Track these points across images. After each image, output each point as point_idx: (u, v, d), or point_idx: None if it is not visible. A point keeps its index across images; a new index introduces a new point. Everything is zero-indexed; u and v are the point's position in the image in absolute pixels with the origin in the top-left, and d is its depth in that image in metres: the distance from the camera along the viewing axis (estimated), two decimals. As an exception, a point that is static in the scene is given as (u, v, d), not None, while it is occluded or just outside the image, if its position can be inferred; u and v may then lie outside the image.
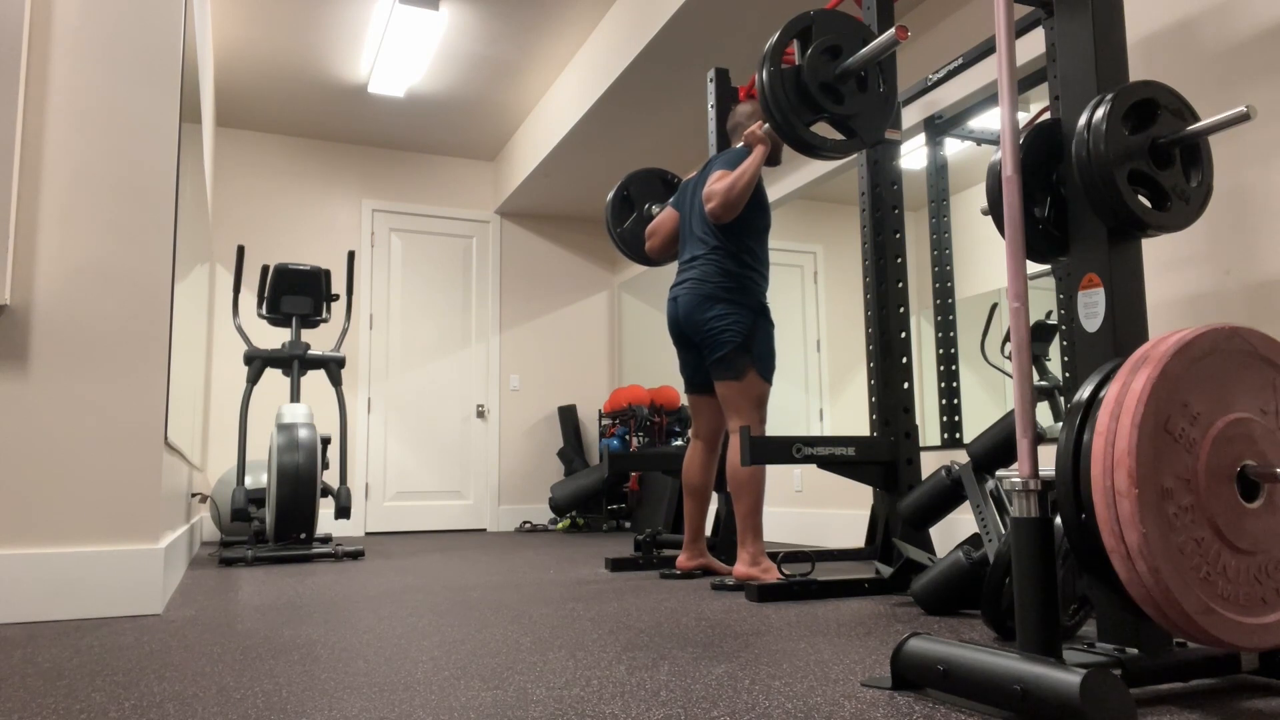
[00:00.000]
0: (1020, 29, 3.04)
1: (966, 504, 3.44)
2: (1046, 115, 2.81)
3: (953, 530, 3.57)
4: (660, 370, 6.40)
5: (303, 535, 4.07)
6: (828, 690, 1.41)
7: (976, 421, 3.63)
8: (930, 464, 3.69)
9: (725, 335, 2.93)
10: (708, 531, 4.87)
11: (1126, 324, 1.55)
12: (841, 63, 2.41)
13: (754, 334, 2.93)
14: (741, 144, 3.07)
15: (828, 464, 2.69)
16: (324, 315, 4.64)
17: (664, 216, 3.32)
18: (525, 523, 6.73)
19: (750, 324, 2.93)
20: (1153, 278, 2.74)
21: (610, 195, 3.65)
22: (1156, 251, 2.74)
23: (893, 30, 2.27)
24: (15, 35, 2.32)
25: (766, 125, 2.92)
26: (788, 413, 5.05)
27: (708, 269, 3.00)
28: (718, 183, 2.94)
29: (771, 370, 2.98)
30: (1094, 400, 1.31)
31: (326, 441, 4.46)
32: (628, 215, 3.65)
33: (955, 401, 3.69)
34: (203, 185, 4.45)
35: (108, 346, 2.43)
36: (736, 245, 2.98)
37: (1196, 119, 1.59)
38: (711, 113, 3.70)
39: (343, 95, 5.78)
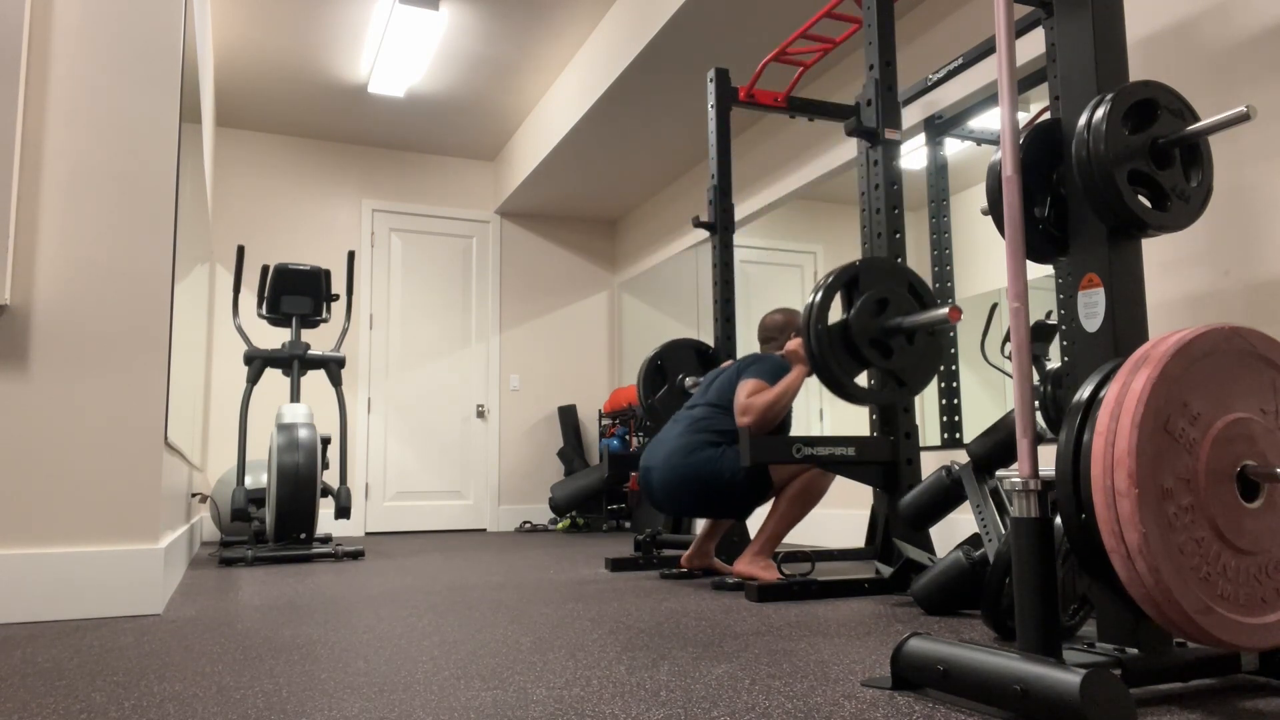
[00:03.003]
0: (1020, 29, 3.04)
1: (966, 504, 3.44)
2: (1046, 115, 2.81)
3: (953, 530, 3.57)
4: (660, 370, 6.40)
5: (303, 535, 4.07)
6: (828, 690, 1.41)
7: (976, 421, 3.63)
8: (930, 464, 3.69)
9: (729, 478, 2.83)
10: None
11: (1126, 324, 1.55)
12: (889, 317, 2.43)
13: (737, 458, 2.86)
14: (780, 354, 3.01)
15: (828, 464, 2.69)
16: (324, 315, 4.64)
17: None
18: (525, 523, 6.73)
19: (735, 454, 2.86)
20: (1153, 278, 2.74)
21: (643, 364, 3.63)
22: (1156, 251, 2.74)
23: (946, 310, 2.29)
24: (15, 35, 2.32)
25: None
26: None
27: (687, 439, 2.91)
28: (756, 396, 2.82)
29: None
30: (1094, 400, 1.31)
31: (326, 441, 4.46)
32: (660, 386, 3.64)
33: (955, 401, 3.69)
34: (203, 185, 4.45)
35: (108, 346, 2.43)
36: (732, 428, 2.92)
37: (1196, 119, 1.59)
38: (711, 113, 3.70)
39: (343, 95, 5.78)
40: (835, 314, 2.48)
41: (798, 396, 5.01)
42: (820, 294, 2.41)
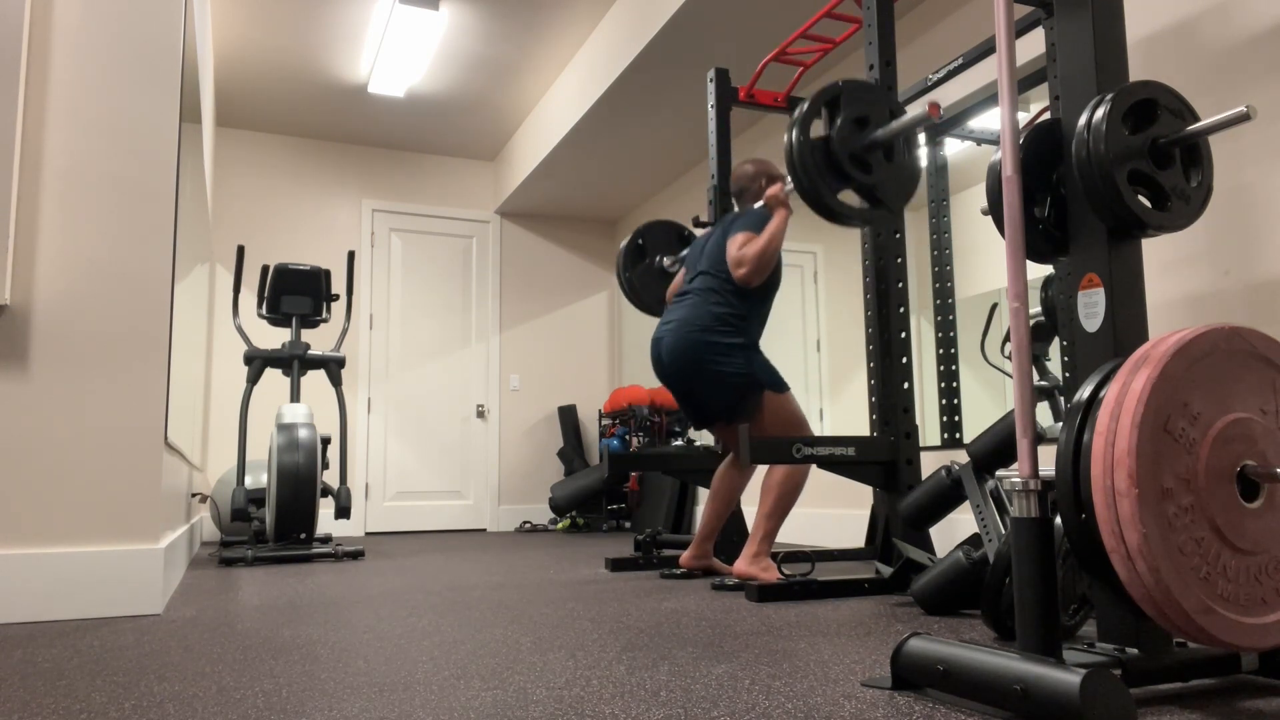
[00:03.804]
0: (1020, 29, 3.03)
1: (966, 504, 3.44)
2: (1046, 115, 2.81)
3: (953, 530, 3.57)
4: (660, 370, 6.39)
5: (303, 535, 4.07)
6: (828, 690, 1.41)
7: (976, 421, 3.63)
8: (930, 464, 3.69)
9: (726, 373, 2.91)
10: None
11: (1126, 324, 1.55)
12: (870, 133, 2.44)
13: (752, 365, 2.93)
14: (760, 205, 3.05)
15: (828, 464, 2.69)
16: (324, 315, 4.64)
17: (680, 279, 3.35)
18: (525, 523, 6.73)
19: (746, 358, 2.93)
20: (1153, 278, 2.74)
21: (623, 243, 3.76)
22: (1156, 251, 2.74)
23: (925, 109, 2.30)
24: (15, 35, 2.32)
25: (790, 187, 2.92)
26: (788, 413, 5.04)
27: (699, 311, 2.98)
28: (747, 247, 2.92)
29: (779, 377, 2.98)
30: (1094, 400, 1.31)
31: (326, 441, 4.46)
32: (639, 263, 3.77)
33: (955, 401, 3.69)
34: (203, 185, 4.45)
35: (108, 347, 2.43)
36: (738, 296, 2.98)
37: (1196, 119, 1.59)
38: (711, 113, 3.70)
39: (343, 95, 5.78)
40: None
41: (798, 392, 5.01)
42: (804, 113, 2.44)
